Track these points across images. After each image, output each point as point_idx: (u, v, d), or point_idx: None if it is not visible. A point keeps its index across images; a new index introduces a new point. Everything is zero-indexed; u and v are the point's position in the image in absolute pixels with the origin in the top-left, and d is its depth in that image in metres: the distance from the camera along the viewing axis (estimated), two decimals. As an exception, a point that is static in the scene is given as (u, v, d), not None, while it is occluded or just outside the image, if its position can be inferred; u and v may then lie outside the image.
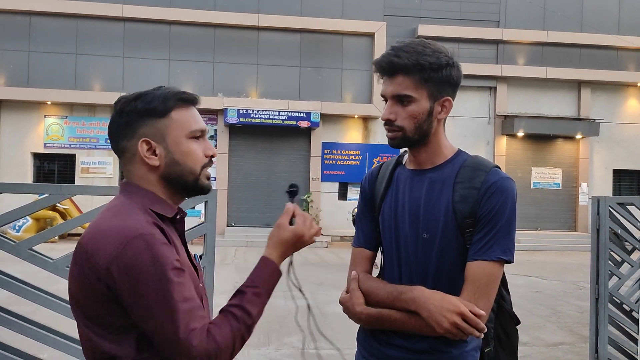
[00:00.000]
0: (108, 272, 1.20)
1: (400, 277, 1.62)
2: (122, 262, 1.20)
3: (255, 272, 1.41)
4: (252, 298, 1.35)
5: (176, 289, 1.21)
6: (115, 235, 1.22)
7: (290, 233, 1.47)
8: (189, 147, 1.37)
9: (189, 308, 1.22)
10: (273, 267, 1.43)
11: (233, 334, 1.28)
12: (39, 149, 15.96)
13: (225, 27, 16.29)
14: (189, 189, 1.40)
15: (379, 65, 1.56)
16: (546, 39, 17.24)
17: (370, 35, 16.70)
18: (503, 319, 1.67)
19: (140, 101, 1.36)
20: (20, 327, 2.73)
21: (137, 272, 1.20)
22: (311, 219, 1.52)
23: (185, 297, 1.23)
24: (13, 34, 15.62)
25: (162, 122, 1.35)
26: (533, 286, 9.77)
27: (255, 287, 1.37)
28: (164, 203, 1.37)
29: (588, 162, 17.82)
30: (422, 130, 1.57)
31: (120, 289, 1.21)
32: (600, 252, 4.13)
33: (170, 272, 1.22)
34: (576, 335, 6.46)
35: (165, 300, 1.20)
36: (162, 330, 1.21)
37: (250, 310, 1.33)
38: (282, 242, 1.46)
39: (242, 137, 16.54)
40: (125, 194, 1.36)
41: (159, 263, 1.21)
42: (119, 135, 1.37)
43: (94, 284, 1.22)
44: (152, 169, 1.35)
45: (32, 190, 3.04)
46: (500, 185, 1.52)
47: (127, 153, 1.37)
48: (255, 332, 1.56)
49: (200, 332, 1.22)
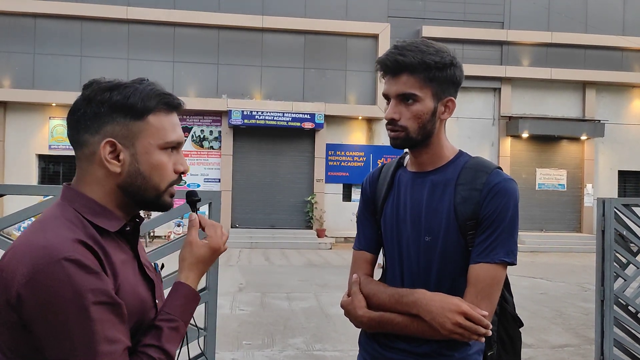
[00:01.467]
0: (18, 298, 1.01)
1: (402, 280, 1.61)
2: (35, 288, 1.00)
3: (170, 302, 1.22)
4: (170, 334, 1.17)
5: (98, 327, 1.02)
6: (32, 255, 1.02)
7: (206, 248, 1.28)
8: (159, 160, 1.18)
9: (110, 351, 1.04)
10: (191, 294, 1.25)
11: None
12: (44, 150, 16.03)
13: (229, 29, 16.33)
14: (147, 204, 1.21)
15: (383, 63, 1.54)
16: (551, 40, 17.20)
17: (374, 36, 16.71)
18: (506, 321, 1.66)
19: (117, 93, 1.15)
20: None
21: (52, 302, 1.00)
22: (220, 225, 1.35)
23: (108, 337, 1.04)
24: (18, 36, 15.70)
25: (135, 125, 1.15)
26: (538, 288, 9.73)
27: (173, 321, 1.19)
28: (108, 214, 1.16)
29: (593, 163, 17.76)
30: (426, 130, 1.55)
31: (31, 319, 1.01)
32: (606, 253, 4.11)
33: (93, 307, 1.02)
34: (581, 337, 6.43)
35: (84, 340, 1.01)
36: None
37: (169, 349, 1.15)
38: (198, 260, 1.27)
39: (246, 138, 16.56)
40: (63, 200, 1.17)
41: (80, 294, 1.01)
42: (81, 125, 1.16)
43: (5, 310, 1.03)
44: (110, 175, 1.16)
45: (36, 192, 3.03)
46: (502, 186, 1.51)
47: (85, 148, 1.16)
48: (259, 333, 1.55)
49: None
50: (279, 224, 16.58)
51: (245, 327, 6.36)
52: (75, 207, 1.14)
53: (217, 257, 1.32)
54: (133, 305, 1.14)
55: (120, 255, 1.17)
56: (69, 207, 1.15)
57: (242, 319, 6.85)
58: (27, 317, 1.02)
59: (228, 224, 15.96)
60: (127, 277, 1.16)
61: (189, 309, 1.24)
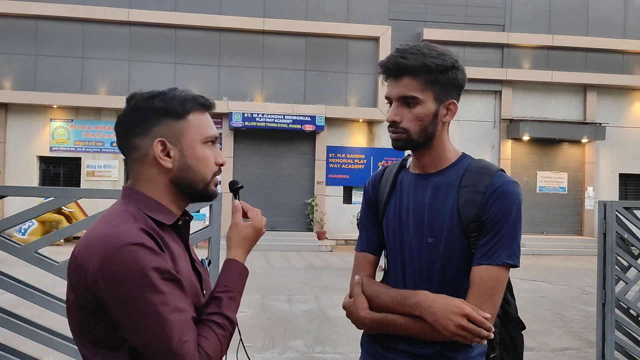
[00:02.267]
0: (95, 283, 1.15)
1: (404, 282, 1.61)
2: (108, 271, 1.14)
3: (225, 276, 1.37)
4: (229, 303, 1.31)
5: (167, 299, 1.16)
6: (102, 244, 1.17)
7: (250, 228, 1.46)
8: (203, 153, 1.34)
9: (181, 320, 1.17)
10: (241, 267, 1.40)
11: (221, 344, 1.26)
12: (44, 152, 16.04)
13: (230, 31, 16.35)
14: (197, 195, 1.36)
15: (385, 66, 1.55)
16: (552, 43, 17.21)
17: (375, 39, 16.72)
18: (508, 324, 1.66)
19: (159, 99, 1.30)
20: (26, 330, 2.73)
21: (124, 282, 1.14)
22: (259, 210, 1.53)
23: (178, 307, 1.18)
24: (20, 38, 15.73)
25: (179, 124, 1.31)
26: (539, 291, 9.72)
27: (230, 292, 1.33)
28: (164, 210, 1.31)
29: (594, 166, 17.75)
30: (427, 133, 1.55)
31: (107, 300, 1.15)
32: (607, 256, 4.10)
33: (160, 283, 1.16)
34: (583, 341, 6.42)
35: (155, 312, 1.14)
36: (154, 343, 1.15)
37: (230, 315, 1.30)
38: (244, 239, 1.45)
39: (247, 140, 16.57)
40: (124, 199, 1.31)
41: (146, 273, 1.15)
42: (130, 131, 1.31)
43: (84, 295, 1.18)
44: (163, 171, 1.31)
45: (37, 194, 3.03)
46: (505, 189, 1.51)
47: (137, 152, 1.31)
48: (259, 335, 1.56)
49: (192, 344, 1.18)
50: (279, 226, 16.58)
51: (245, 330, 6.35)
52: (135, 204, 1.29)
53: (259, 237, 1.48)
54: (189, 290, 1.27)
55: (175, 246, 1.32)
56: (130, 204, 1.29)
57: (242, 321, 6.84)
58: (103, 298, 1.16)
59: (228, 225, 15.93)
60: (182, 265, 1.31)
61: (241, 281, 1.38)
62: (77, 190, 2.89)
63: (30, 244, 2.75)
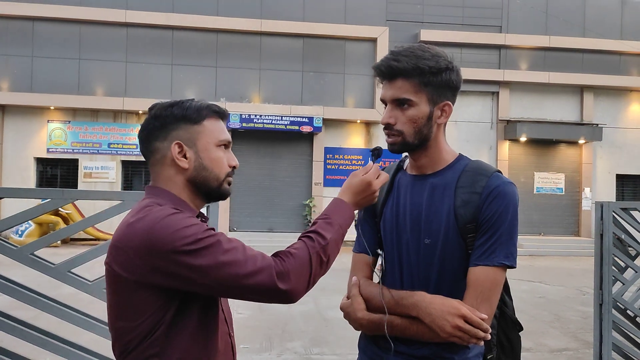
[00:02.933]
0: (149, 253, 1.24)
1: (401, 283, 1.61)
2: (180, 242, 1.24)
3: (327, 208, 1.50)
4: (324, 225, 1.43)
5: (234, 244, 1.30)
6: (141, 227, 1.27)
7: (359, 179, 1.54)
8: (217, 155, 1.45)
9: (254, 255, 1.31)
10: (343, 203, 1.50)
11: (309, 252, 1.36)
12: (42, 153, 16.00)
13: (227, 33, 16.35)
14: (212, 193, 1.46)
15: (379, 69, 1.56)
16: (549, 44, 17.24)
17: (373, 40, 16.73)
18: (505, 325, 1.66)
19: (177, 107, 1.43)
20: (22, 332, 2.72)
21: (195, 244, 1.25)
22: (385, 174, 1.59)
23: (244, 246, 1.32)
24: (17, 39, 15.70)
25: (195, 128, 1.43)
26: (536, 291, 9.73)
27: (327, 218, 1.45)
28: (185, 206, 1.41)
29: (591, 167, 17.78)
30: (422, 134, 1.56)
31: (167, 271, 1.25)
32: (604, 257, 4.11)
33: (217, 236, 1.30)
34: (580, 341, 6.43)
35: (237, 257, 1.28)
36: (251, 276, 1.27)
37: (323, 233, 1.41)
38: (351, 186, 1.54)
39: (245, 142, 16.56)
40: (151, 196, 1.41)
41: (204, 230, 1.28)
42: (151, 136, 1.43)
43: (139, 269, 1.26)
44: (180, 171, 1.42)
45: (34, 195, 3.03)
46: (502, 189, 1.52)
47: (157, 154, 1.43)
48: (257, 337, 1.56)
49: (268, 258, 1.32)
50: (277, 228, 16.57)
51: (243, 331, 6.34)
52: (161, 198, 1.39)
53: (369, 190, 1.54)
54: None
55: None
56: (157, 199, 1.39)
57: (240, 322, 6.83)
58: (162, 270, 1.25)
59: (226, 227, 15.94)
60: None
61: (341, 213, 1.49)
62: (74, 192, 2.89)
63: (26, 245, 2.75)
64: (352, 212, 1.51)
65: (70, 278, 2.74)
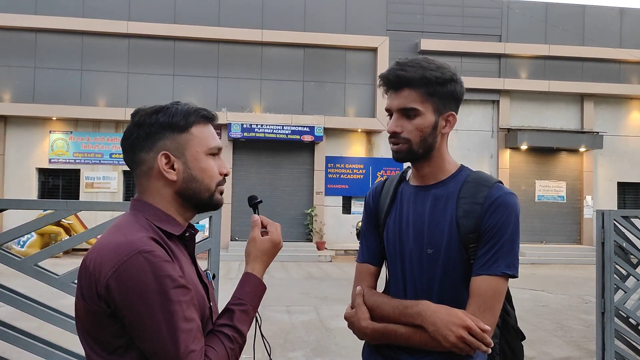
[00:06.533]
0: (107, 289, 1.17)
1: (405, 293, 1.62)
2: (121, 278, 1.16)
3: (240, 289, 1.39)
4: (241, 317, 1.33)
5: (177, 308, 1.18)
6: (115, 251, 1.19)
7: (268, 243, 1.47)
8: (207, 164, 1.36)
9: (189, 329, 1.19)
10: (257, 282, 1.42)
11: (229, 357, 1.27)
12: (44, 164, 16.04)
13: (229, 43, 16.43)
14: (203, 205, 1.39)
15: (386, 78, 1.59)
16: (548, 53, 17.31)
17: (373, 49, 16.81)
18: (508, 334, 1.67)
19: (162, 114, 1.33)
20: (25, 343, 2.73)
21: (137, 289, 1.16)
22: (279, 225, 1.53)
23: (187, 317, 1.20)
24: (19, 50, 15.79)
25: (182, 137, 1.33)
26: (538, 300, 9.70)
27: (243, 305, 1.36)
28: (172, 221, 1.34)
29: (592, 175, 17.78)
30: (427, 143, 1.58)
31: (119, 306, 1.17)
32: (606, 265, 4.11)
33: (172, 291, 1.18)
34: (583, 350, 6.41)
35: (166, 319, 1.17)
36: (162, 350, 1.17)
37: (241, 329, 1.32)
38: (262, 253, 1.46)
39: (246, 151, 16.60)
40: (133, 210, 1.34)
41: (160, 280, 1.18)
42: (136, 146, 1.33)
43: (95, 301, 1.20)
44: (168, 184, 1.33)
45: (37, 206, 3.04)
46: (503, 200, 1.53)
47: (143, 166, 1.34)
48: (259, 347, 1.57)
49: (199, 354, 1.19)
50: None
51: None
52: (144, 215, 1.31)
53: (278, 251, 1.49)
54: (197, 298, 1.29)
55: (182, 257, 1.34)
56: (139, 215, 1.31)
57: (242, 332, 6.81)
58: (115, 304, 1.18)
59: (227, 236, 15.93)
60: (190, 276, 1.32)
61: (257, 295, 1.40)
62: (77, 203, 2.90)
63: (30, 257, 2.76)
64: (265, 287, 1.43)
65: (74, 289, 2.75)
